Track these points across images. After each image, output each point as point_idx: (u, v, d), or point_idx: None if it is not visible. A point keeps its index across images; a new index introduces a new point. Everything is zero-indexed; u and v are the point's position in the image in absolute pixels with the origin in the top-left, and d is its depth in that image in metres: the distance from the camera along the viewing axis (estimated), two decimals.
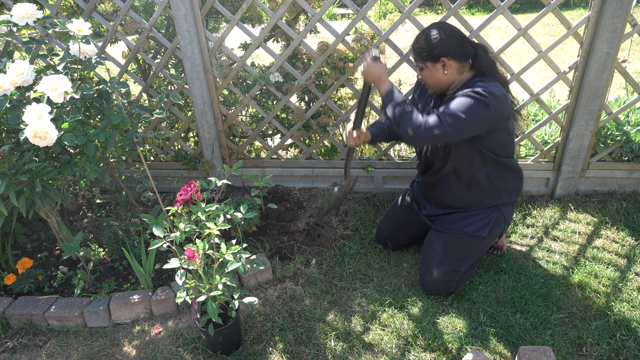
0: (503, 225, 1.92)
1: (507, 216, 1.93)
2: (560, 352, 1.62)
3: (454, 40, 1.71)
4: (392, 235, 2.17)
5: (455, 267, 1.85)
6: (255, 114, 3.01)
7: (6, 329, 1.92)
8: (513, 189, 1.91)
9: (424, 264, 1.92)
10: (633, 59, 5.05)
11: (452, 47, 1.70)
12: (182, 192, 1.66)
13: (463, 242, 1.88)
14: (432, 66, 1.74)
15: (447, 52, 1.70)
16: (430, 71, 1.75)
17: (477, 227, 1.87)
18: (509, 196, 1.90)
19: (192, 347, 1.74)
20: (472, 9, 9.17)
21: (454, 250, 1.88)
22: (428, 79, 1.79)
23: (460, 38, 1.73)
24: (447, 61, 1.71)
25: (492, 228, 1.88)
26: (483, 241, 1.88)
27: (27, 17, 1.77)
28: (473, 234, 1.87)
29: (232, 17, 2.26)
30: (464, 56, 1.72)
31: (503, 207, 1.90)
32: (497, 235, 1.94)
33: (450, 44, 1.70)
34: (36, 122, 1.55)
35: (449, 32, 1.71)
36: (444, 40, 1.69)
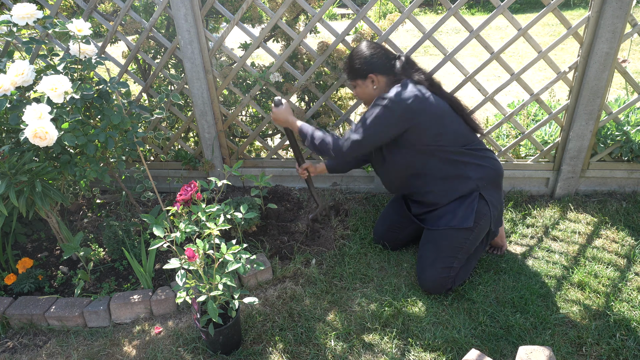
0: (489, 212, 1.86)
1: (491, 201, 1.87)
2: (560, 352, 1.62)
3: (377, 56, 1.88)
4: (388, 235, 2.17)
5: (448, 264, 1.86)
6: (255, 114, 3.01)
7: (6, 329, 1.92)
8: (481, 177, 1.86)
9: (419, 264, 1.94)
10: (633, 59, 5.05)
11: (376, 63, 1.87)
12: (182, 192, 1.66)
13: (451, 237, 1.87)
14: (362, 83, 1.92)
15: (373, 68, 1.87)
16: (361, 88, 1.94)
17: (461, 219, 1.85)
18: (479, 182, 1.86)
19: (192, 347, 1.74)
20: (472, 9, 9.18)
21: (444, 246, 1.88)
22: (361, 96, 1.97)
23: (383, 53, 1.89)
24: (375, 77, 1.88)
25: (478, 217, 1.85)
26: (472, 233, 1.86)
27: (27, 17, 1.77)
28: (459, 226, 1.85)
29: (232, 17, 2.26)
30: (389, 70, 1.88)
31: (485, 192, 1.86)
32: (486, 225, 1.88)
33: (375, 61, 1.87)
34: (36, 122, 1.55)
35: (372, 50, 1.88)
36: (368, 58, 1.87)
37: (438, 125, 1.81)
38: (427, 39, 2.24)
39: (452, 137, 1.84)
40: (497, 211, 1.91)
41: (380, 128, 1.80)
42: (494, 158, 1.93)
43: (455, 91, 2.31)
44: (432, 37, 2.24)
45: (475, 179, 1.85)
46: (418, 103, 1.76)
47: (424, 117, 1.78)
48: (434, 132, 1.80)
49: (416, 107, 1.76)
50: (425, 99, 1.78)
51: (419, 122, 1.78)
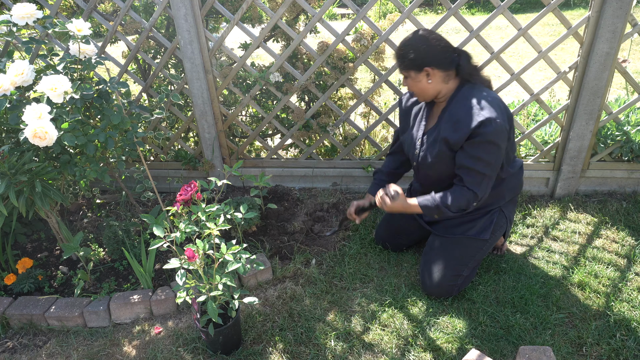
0: (505, 225, 1.92)
1: (509, 215, 1.93)
2: (560, 352, 1.62)
3: (437, 48, 1.68)
4: (392, 239, 2.16)
5: (457, 272, 1.84)
6: (255, 114, 3.01)
7: (6, 329, 1.92)
8: (513, 188, 1.91)
9: (426, 268, 1.90)
10: (633, 59, 5.05)
11: (435, 56, 1.68)
12: (182, 192, 1.66)
13: (465, 246, 1.87)
14: (415, 75, 1.72)
15: (430, 61, 1.68)
16: (414, 80, 1.74)
17: (479, 230, 1.87)
18: (509, 194, 1.90)
19: (192, 347, 1.74)
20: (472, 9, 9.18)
21: (457, 254, 1.86)
22: (413, 88, 1.78)
23: (443, 46, 1.69)
24: (431, 70, 1.69)
25: (494, 230, 1.88)
26: (485, 244, 1.88)
27: (27, 17, 1.77)
28: (475, 237, 1.86)
29: (232, 17, 2.26)
30: (447, 65, 1.70)
31: (504, 207, 1.91)
32: (499, 237, 1.94)
33: (434, 53, 1.68)
34: (36, 122, 1.55)
35: (431, 41, 1.69)
36: (426, 49, 1.67)
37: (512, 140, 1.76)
38: None
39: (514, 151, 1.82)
40: (511, 224, 1.95)
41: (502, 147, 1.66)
42: (522, 173, 1.93)
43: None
44: None
45: (507, 199, 1.89)
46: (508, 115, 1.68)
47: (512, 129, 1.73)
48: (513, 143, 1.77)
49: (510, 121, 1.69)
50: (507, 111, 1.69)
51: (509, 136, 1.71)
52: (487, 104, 1.63)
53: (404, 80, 1.79)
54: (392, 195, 1.81)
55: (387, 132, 3.01)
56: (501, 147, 1.64)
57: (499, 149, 1.64)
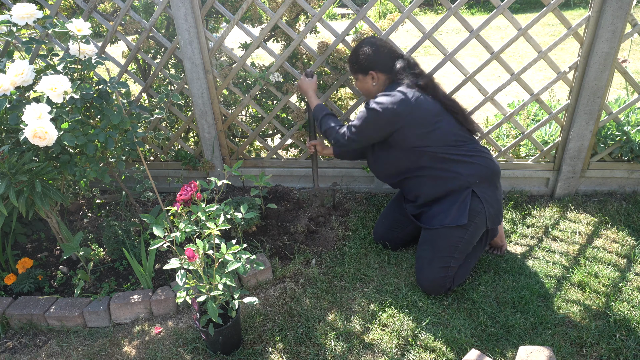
0: (484, 210, 1.85)
1: (485, 198, 1.86)
2: (560, 352, 1.62)
3: (380, 55, 1.94)
4: (388, 234, 2.18)
5: (445, 263, 1.85)
6: (255, 114, 3.01)
7: (6, 329, 1.92)
8: (471, 174, 1.86)
9: (417, 264, 1.94)
10: (633, 59, 5.05)
11: (378, 60, 1.94)
12: (182, 192, 1.66)
13: (447, 235, 1.87)
14: (362, 78, 2.01)
15: (374, 65, 1.95)
16: (361, 82, 2.03)
17: (454, 217, 1.85)
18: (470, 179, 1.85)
19: (192, 347, 1.74)
20: (472, 9, 9.18)
21: (440, 246, 1.88)
22: (361, 89, 2.07)
23: (387, 52, 1.96)
24: (375, 74, 1.96)
25: (472, 215, 1.84)
26: (466, 232, 1.85)
27: (26, 17, 1.77)
28: (452, 224, 1.85)
29: (232, 17, 2.26)
30: (389, 68, 1.95)
31: (476, 189, 1.85)
32: (482, 222, 1.87)
33: (377, 58, 1.94)
34: (36, 122, 1.55)
35: (377, 48, 1.95)
36: (371, 55, 1.94)
37: (424, 126, 1.86)
38: (427, 39, 2.24)
39: (440, 137, 1.86)
40: (493, 209, 1.89)
41: (369, 131, 1.92)
42: (487, 157, 1.92)
43: (455, 91, 2.31)
44: (432, 37, 2.23)
45: (465, 175, 1.86)
46: (404, 107, 1.83)
47: (409, 120, 1.85)
48: (419, 132, 1.86)
49: (401, 110, 1.83)
50: (411, 102, 1.84)
51: (404, 124, 1.85)
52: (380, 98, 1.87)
53: (355, 82, 2.08)
54: (307, 73, 2.23)
55: None
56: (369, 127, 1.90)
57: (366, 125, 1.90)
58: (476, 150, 1.91)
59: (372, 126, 1.90)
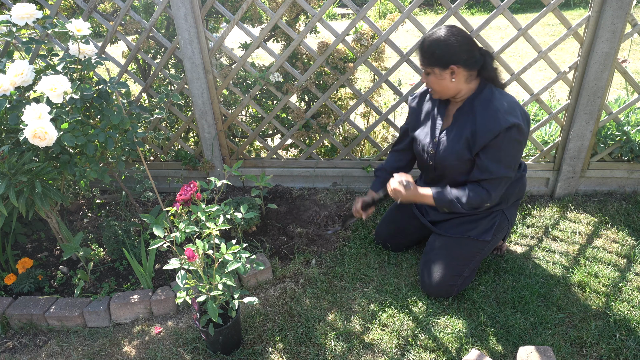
0: (507, 227, 1.92)
1: (511, 218, 1.93)
2: (560, 352, 1.62)
3: (464, 47, 1.64)
4: (392, 239, 2.16)
5: (458, 272, 1.84)
6: (255, 114, 3.01)
7: (6, 329, 1.92)
8: (518, 192, 1.92)
9: (426, 268, 1.90)
10: (633, 59, 5.05)
11: (462, 54, 1.64)
12: (182, 192, 1.66)
13: (466, 246, 1.87)
14: (439, 72, 1.68)
15: (457, 59, 1.64)
16: (437, 77, 1.70)
17: (481, 231, 1.86)
18: (514, 197, 1.91)
19: (192, 347, 1.74)
20: (472, 9, 9.17)
21: (457, 254, 1.86)
22: (434, 85, 1.74)
23: (470, 45, 1.67)
24: (456, 69, 1.65)
25: (496, 231, 1.88)
26: (487, 245, 1.88)
27: (26, 17, 1.77)
28: (476, 238, 1.86)
29: (232, 17, 2.26)
30: (473, 64, 1.67)
31: (506, 210, 1.91)
32: (500, 238, 1.94)
33: (461, 51, 1.64)
34: (35, 122, 1.55)
35: (460, 38, 1.64)
36: (454, 47, 1.63)
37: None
38: None
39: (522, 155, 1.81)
40: (512, 227, 1.96)
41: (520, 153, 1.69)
42: (525, 175, 1.94)
43: None
44: None
45: (511, 202, 1.89)
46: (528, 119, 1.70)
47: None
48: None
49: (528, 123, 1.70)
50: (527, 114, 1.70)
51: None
52: (511, 109, 1.64)
53: (425, 76, 1.75)
54: (405, 185, 1.81)
55: (387, 132, 3.01)
56: (521, 151, 1.69)
57: (518, 153, 1.68)
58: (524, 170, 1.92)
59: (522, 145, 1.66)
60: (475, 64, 1.68)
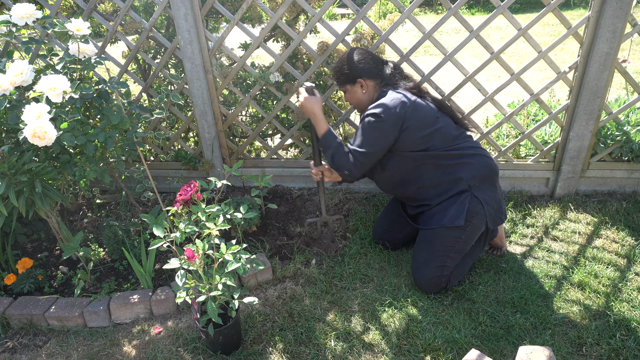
0: (483, 211, 1.85)
1: (485, 199, 1.86)
2: (560, 352, 1.62)
3: (366, 61, 1.91)
4: (386, 235, 2.18)
5: (441, 262, 1.86)
6: (255, 114, 3.01)
7: (6, 329, 1.92)
8: (474, 172, 1.86)
9: (414, 264, 1.95)
10: (633, 59, 5.05)
11: (364, 67, 1.90)
12: (182, 192, 1.66)
13: (443, 236, 1.88)
14: (351, 88, 1.95)
15: (361, 73, 1.90)
16: (351, 94, 1.97)
17: (452, 217, 1.85)
18: (471, 179, 1.86)
19: (192, 347, 1.74)
20: (472, 9, 9.18)
21: (437, 245, 1.88)
22: (351, 100, 2.00)
23: (370, 58, 1.92)
24: (363, 81, 1.91)
25: (470, 216, 1.84)
26: (464, 232, 1.85)
27: (26, 17, 1.77)
28: (449, 225, 1.85)
29: (232, 17, 2.26)
30: (377, 74, 1.92)
31: (476, 191, 1.86)
32: (480, 223, 1.87)
33: (363, 65, 1.90)
34: (35, 121, 1.55)
35: (361, 55, 1.92)
36: (356, 63, 1.91)
37: (425, 127, 1.83)
38: (427, 39, 2.23)
39: (441, 136, 1.85)
40: (492, 210, 1.89)
41: (377, 141, 1.84)
42: (485, 155, 1.92)
43: (455, 91, 2.31)
44: (432, 37, 2.23)
45: (466, 179, 1.86)
46: (406, 108, 1.81)
47: (412, 121, 1.82)
48: (422, 134, 1.83)
49: (404, 112, 1.80)
50: (410, 104, 1.82)
51: (407, 126, 1.82)
52: (377, 103, 1.82)
53: (345, 95, 2.01)
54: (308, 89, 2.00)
55: None
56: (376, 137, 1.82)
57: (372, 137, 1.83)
58: (473, 148, 1.91)
59: (379, 134, 1.82)
60: (378, 73, 1.92)
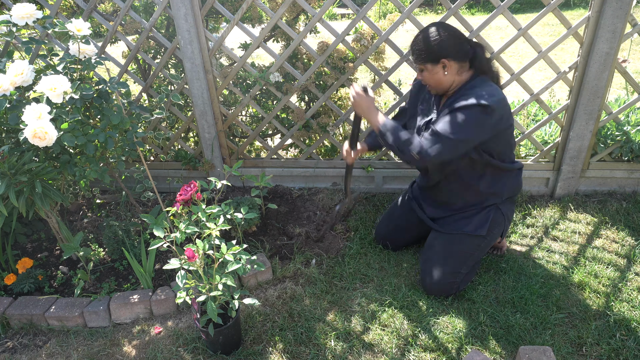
0: (503, 223, 1.91)
1: (507, 213, 1.92)
2: (560, 352, 1.62)
3: (453, 40, 1.69)
4: (391, 236, 2.17)
5: (456, 269, 1.85)
6: (255, 114, 3.01)
7: (6, 329, 1.92)
8: (511, 188, 1.91)
9: (425, 266, 1.91)
10: (633, 59, 5.05)
11: (451, 47, 1.69)
12: (182, 192, 1.66)
13: (463, 242, 1.88)
14: (432, 68, 1.72)
15: (447, 53, 1.69)
16: (431, 73, 1.74)
17: (476, 226, 1.87)
18: (507, 193, 1.90)
19: (192, 347, 1.74)
20: (472, 9, 9.17)
21: (455, 251, 1.87)
22: (429, 81, 1.78)
23: (459, 38, 1.71)
24: (447, 62, 1.69)
25: (491, 226, 1.88)
26: (483, 241, 1.88)
27: (26, 17, 1.77)
28: (472, 233, 1.86)
29: (232, 17, 2.26)
30: (463, 56, 1.71)
31: (502, 205, 1.90)
32: (498, 235, 1.93)
33: (450, 45, 1.68)
34: (35, 122, 1.55)
35: (448, 33, 1.69)
36: (443, 41, 1.68)
37: (512, 134, 1.78)
38: None
39: (514, 148, 1.84)
40: (510, 222, 1.95)
41: (475, 134, 1.66)
42: (520, 174, 1.93)
43: None
44: None
45: (504, 198, 1.89)
46: (508, 110, 1.70)
47: (509, 126, 1.73)
48: (511, 141, 1.79)
49: (508, 114, 1.70)
50: (509, 105, 1.72)
51: (505, 128, 1.72)
52: (484, 93, 1.63)
53: (420, 73, 1.79)
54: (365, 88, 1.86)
55: None
56: (480, 132, 1.66)
57: (475, 130, 1.65)
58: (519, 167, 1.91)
59: (479, 127, 1.64)
60: (465, 56, 1.71)
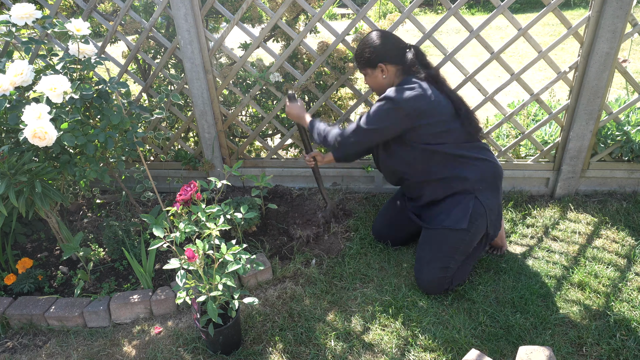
0: (485, 215, 1.85)
1: (486, 203, 1.85)
2: (560, 352, 1.62)
3: (388, 45, 1.87)
4: (387, 232, 2.19)
5: (444, 264, 1.85)
6: (255, 114, 3.01)
7: (6, 329, 1.92)
8: (477, 171, 1.86)
9: (417, 264, 1.94)
10: (633, 59, 5.05)
11: (388, 52, 1.87)
12: (182, 192, 1.66)
13: (446, 237, 1.87)
14: (372, 72, 1.92)
15: (382, 57, 1.87)
16: (371, 77, 1.93)
17: (455, 220, 1.84)
18: (474, 177, 1.85)
19: (192, 347, 1.74)
20: (472, 9, 9.17)
21: (440, 247, 1.88)
22: (371, 84, 1.98)
23: (393, 43, 1.89)
24: (384, 66, 1.87)
25: (472, 219, 1.84)
26: (467, 234, 1.85)
27: (26, 17, 1.77)
28: (452, 227, 1.84)
29: (232, 17, 2.26)
30: (400, 60, 1.88)
31: (480, 195, 1.85)
32: (482, 227, 1.86)
33: (387, 50, 1.87)
34: (35, 122, 1.55)
35: (383, 39, 1.88)
36: (379, 46, 1.87)
37: (441, 125, 1.82)
38: (427, 39, 2.24)
39: (454, 137, 1.84)
40: (494, 215, 1.89)
41: (384, 125, 1.83)
42: (493, 161, 1.92)
43: (456, 91, 2.30)
44: (432, 37, 2.23)
45: (472, 180, 1.85)
46: (425, 102, 1.78)
47: (428, 118, 1.79)
48: (436, 130, 1.82)
49: (422, 105, 1.77)
50: (431, 99, 1.79)
51: (422, 121, 1.79)
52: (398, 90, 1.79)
53: (365, 78, 1.99)
54: (290, 97, 2.15)
55: None
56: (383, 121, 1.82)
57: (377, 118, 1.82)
58: (483, 151, 1.91)
59: (389, 120, 1.81)
60: (401, 59, 1.88)
